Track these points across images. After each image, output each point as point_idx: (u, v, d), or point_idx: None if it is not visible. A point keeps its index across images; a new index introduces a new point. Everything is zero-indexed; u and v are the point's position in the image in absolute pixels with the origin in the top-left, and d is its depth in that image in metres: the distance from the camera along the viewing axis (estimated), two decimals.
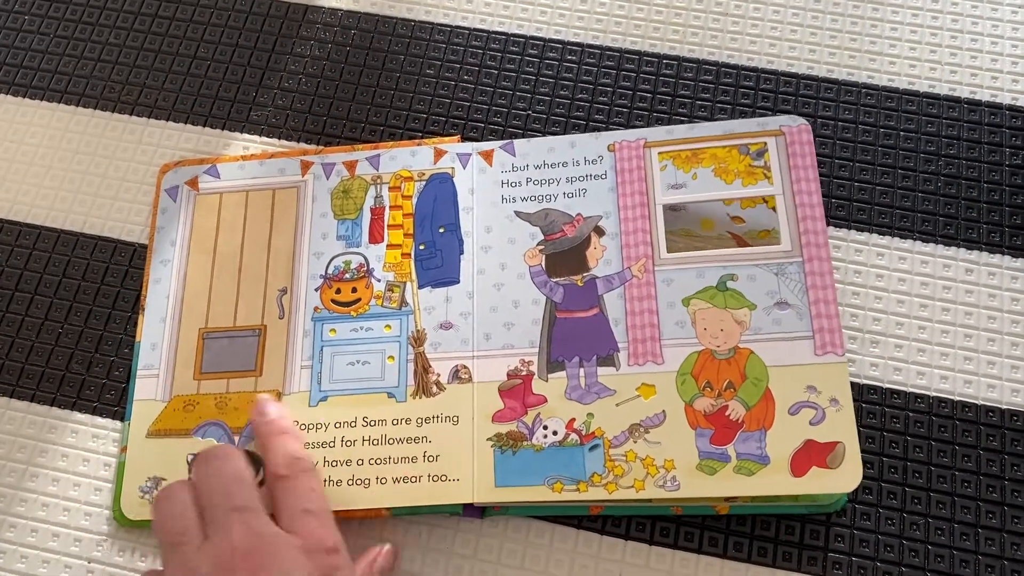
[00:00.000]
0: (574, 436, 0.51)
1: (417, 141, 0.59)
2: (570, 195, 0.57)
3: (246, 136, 0.61)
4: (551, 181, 0.57)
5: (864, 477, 0.51)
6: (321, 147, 0.60)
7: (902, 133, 0.59)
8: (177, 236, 0.58)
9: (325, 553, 0.45)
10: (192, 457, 0.53)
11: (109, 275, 0.58)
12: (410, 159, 0.59)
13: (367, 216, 0.58)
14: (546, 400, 0.52)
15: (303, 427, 0.53)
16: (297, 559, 0.44)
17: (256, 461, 0.49)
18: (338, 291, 0.56)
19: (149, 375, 0.55)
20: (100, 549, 0.52)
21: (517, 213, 0.57)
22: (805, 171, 0.56)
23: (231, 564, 0.43)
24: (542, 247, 0.56)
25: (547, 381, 0.53)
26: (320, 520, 0.46)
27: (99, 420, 0.55)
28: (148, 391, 0.55)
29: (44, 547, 0.52)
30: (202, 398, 0.55)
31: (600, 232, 0.56)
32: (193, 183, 0.59)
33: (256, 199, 0.59)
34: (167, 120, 0.62)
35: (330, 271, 0.56)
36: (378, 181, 0.58)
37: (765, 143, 0.57)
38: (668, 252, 0.55)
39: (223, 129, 0.61)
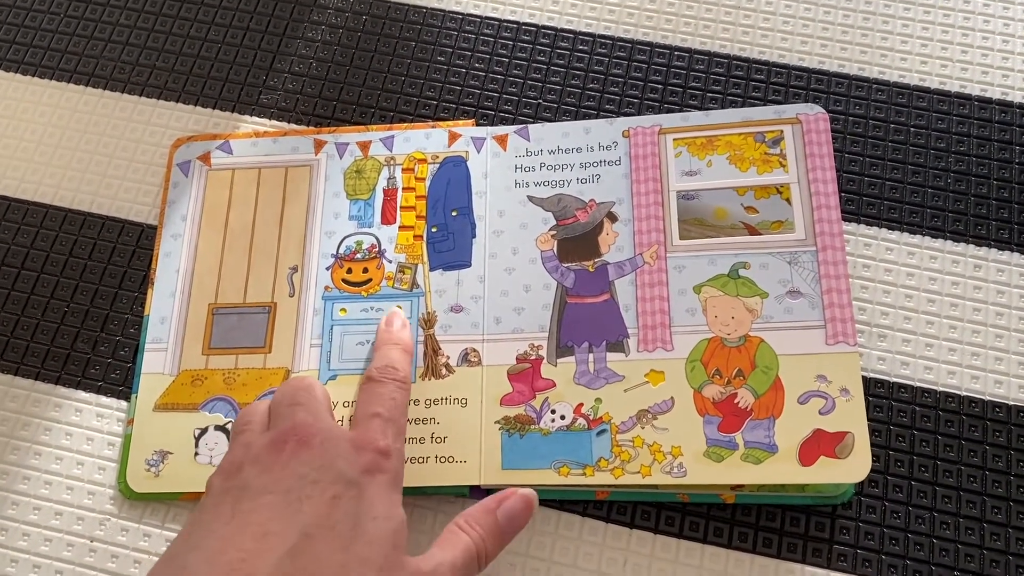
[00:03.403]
0: (582, 421, 0.51)
1: (431, 123, 0.59)
2: (584, 181, 0.57)
3: (256, 119, 0.61)
4: (565, 166, 0.57)
5: (870, 470, 0.51)
6: (334, 125, 0.60)
7: (913, 129, 0.59)
8: (188, 211, 0.58)
9: (375, 452, 0.44)
10: (199, 431, 0.53)
11: (116, 255, 0.58)
12: (424, 141, 0.59)
13: (379, 197, 0.57)
14: (555, 384, 0.52)
15: None
16: (343, 447, 0.44)
17: None
18: (349, 271, 0.56)
19: (157, 349, 0.55)
20: (103, 528, 0.52)
21: (530, 198, 0.57)
22: (822, 159, 0.56)
23: (282, 439, 0.44)
24: (554, 232, 0.56)
25: (556, 366, 0.53)
26: (384, 425, 0.46)
27: (104, 399, 0.55)
28: (156, 365, 0.55)
29: (47, 525, 0.52)
30: (210, 373, 0.54)
31: (613, 218, 0.56)
32: (205, 158, 0.59)
33: (269, 176, 0.58)
34: (177, 101, 0.62)
35: (342, 251, 0.56)
36: (391, 162, 0.58)
37: (781, 131, 0.56)
38: (680, 239, 0.55)
39: (233, 111, 0.61)
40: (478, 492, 0.51)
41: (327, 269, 0.56)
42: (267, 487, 0.42)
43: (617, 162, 0.57)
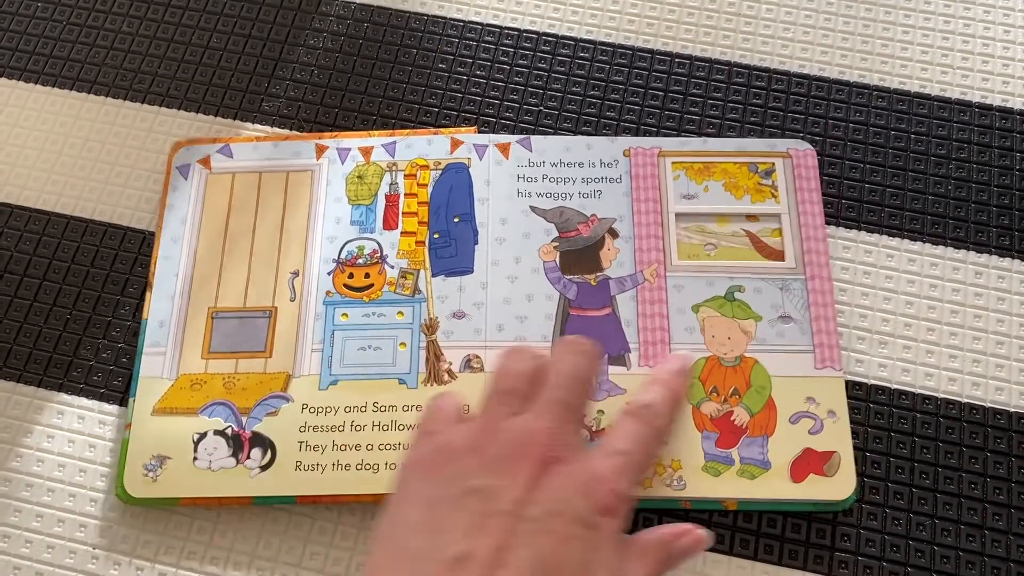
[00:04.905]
0: (584, 432, 0.52)
1: (433, 130, 0.59)
2: (585, 195, 0.57)
3: (257, 126, 0.61)
4: (567, 180, 0.58)
5: (871, 477, 0.52)
6: (336, 132, 0.60)
7: (912, 136, 0.59)
8: (188, 214, 0.58)
9: (612, 493, 0.43)
10: (198, 436, 0.53)
11: (118, 262, 0.58)
12: (426, 147, 0.59)
13: (382, 202, 0.58)
14: None
15: (311, 410, 0.53)
16: (580, 479, 0.43)
17: None
18: (351, 276, 0.56)
19: (156, 352, 0.55)
20: (106, 535, 0.52)
21: (533, 208, 0.57)
22: (810, 193, 0.57)
23: (526, 443, 0.43)
24: (556, 244, 0.56)
25: None
26: (626, 466, 0.44)
27: (107, 406, 0.55)
28: (155, 368, 0.54)
29: (50, 532, 0.52)
30: (210, 377, 0.54)
31: (614, 234, 0.56)
32: (205, 162, 0.59)
33: (269, 180, 0.58)
34: (179, 109, 0.62)
35: (343, 256, 0.56)
36: (393, 168, 0.58)
37: (773, 163, 0.58)
38: (680, 259, 0.56)
39: (235, 119, 0.61)
40: None
41: (328, 274, 0.56)
42: (507, 506, 0.41)
43: (618, 180, 0.58)
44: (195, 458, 0.52)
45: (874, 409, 0.53)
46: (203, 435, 0.53)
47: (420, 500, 0.43)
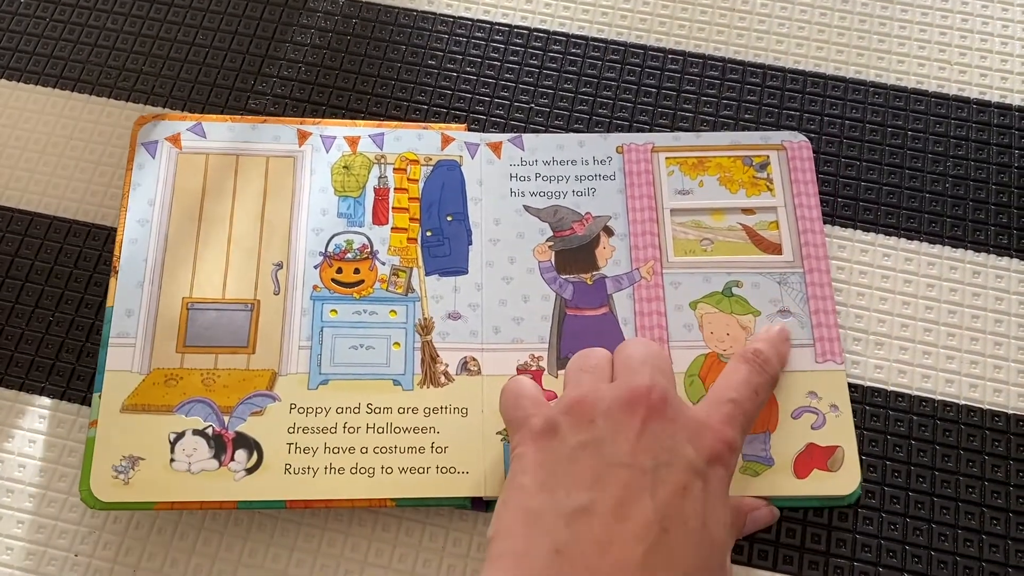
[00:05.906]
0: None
1: (423, 124, 0.58)
2: (579, 193, 0.57)
3: None
4: (560, 178, 0.57)
5: (867, 481, 0.51)
6: (319, 118, 0.59)
7: (910, 133, 0.59)
8: (156, 195, 0.56)
9: (721, 441, 0.44)
10: (174, 435, 0.51)
11: (101, 262, 0.56)
12: (416, 142, 0.58)
13: (370, 196, 0.56)
14: (556, 396, 0.51)
15: (301, 411, 0.51)
16: (692, 427, 0.44)
17: None
18: (339, 271, 0.54)
19: (124, 344, 0.52)
20: (87, 542, 0.51)
21: (526, 208, 0.56)
22: (806, 185, 0.57)
23: (629, 397, 0.44)
24: (551, 243, 0.55)
25: (557, 377, 0.52)
26: (734, 412, 0.46)
27: (87, 410, 0.53)
28: (123, 361, 0.52)
29: (30, 539, 0.51)
30: (186, 373, 0.52)
31: (609, 232, 0.56)
32: (175, 140, 0.57)
33: (248, 165, 0.57)
34: (164, 107, 0.60)
35: (331, 249, 0.55)
36: (382, 160, 0.57)
37: (768, 156, 0.57)
38: (676, 255, 0.55)
39: (221, 115, 0.60)
40: (480, 504, 0.50)
41: (315, 268, 0.55)
42: (621, 458, 0.42)
43: (612, 177, 0.57)
44: (172, 459, 0.50)
45: (870, 411, 0.53)
46: (181, 435, 0.51)
47: (533, 465, 0.43)
